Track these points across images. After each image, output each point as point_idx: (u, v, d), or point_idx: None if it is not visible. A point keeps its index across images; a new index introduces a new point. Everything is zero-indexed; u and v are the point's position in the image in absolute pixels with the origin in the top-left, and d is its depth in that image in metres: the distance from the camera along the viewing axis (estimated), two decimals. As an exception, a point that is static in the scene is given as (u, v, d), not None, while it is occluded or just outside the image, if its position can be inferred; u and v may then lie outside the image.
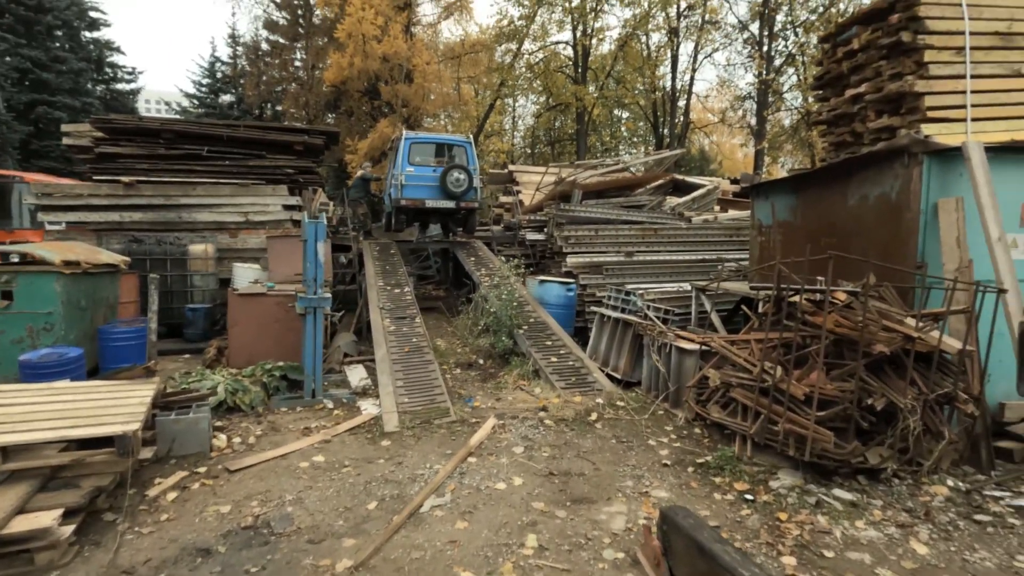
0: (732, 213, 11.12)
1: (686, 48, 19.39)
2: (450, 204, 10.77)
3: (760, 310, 5.32)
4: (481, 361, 7.42)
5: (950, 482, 3.97)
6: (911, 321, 4.22)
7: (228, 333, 6.48)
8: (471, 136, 11.27)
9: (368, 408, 5.55)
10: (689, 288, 7.53)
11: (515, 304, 7.69)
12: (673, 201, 11.28)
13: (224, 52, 32.01)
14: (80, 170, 9.96)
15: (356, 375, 6.79)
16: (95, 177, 8.46)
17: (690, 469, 4.27)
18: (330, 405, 5.63)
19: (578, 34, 19.19)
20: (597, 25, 18.80)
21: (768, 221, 6.65)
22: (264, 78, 28.05)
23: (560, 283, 8.45)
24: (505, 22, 18.91)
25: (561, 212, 9.76)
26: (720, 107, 22.94)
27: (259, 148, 9.38)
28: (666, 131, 20.25)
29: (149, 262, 7.38)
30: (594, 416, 5.33)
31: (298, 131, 9.80)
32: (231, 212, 8.99)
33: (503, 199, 15.18)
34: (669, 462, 4.39)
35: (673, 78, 19.44)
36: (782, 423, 3.92)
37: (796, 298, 4.49)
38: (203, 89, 31.51)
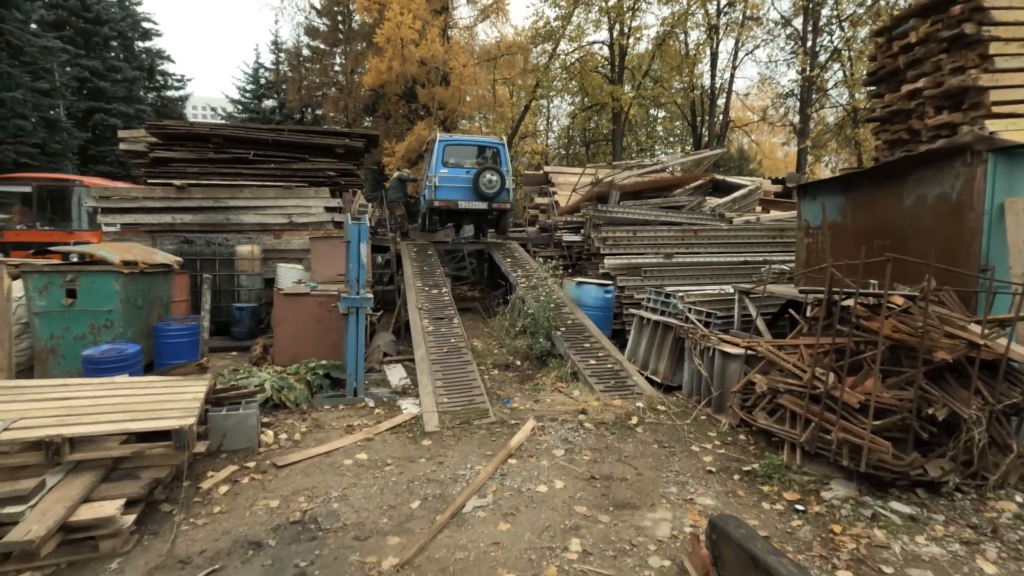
0: (775, 214, 10.81)
1: (726, 45, 18.98)
2: (482, 205, 10.85)
3: (808, 314, 5.14)
4: (518, 362, 7.42)
5: (1019, 498, 3.75)
6: (975, 327, 4.00)
7: (273, 332, 6.67)
8: (504, 138, 11.29)
9: (408, 407, 5.62)
10: (731, 291, 7.35)
11: (552, 306, 7.66)
12: (713, 202, 11.05)
13: (267, 58, 33.12)
14: (135, 174, 10.42)
15: (396, 374, 6.89)
16: (149, 181, 8.84)
17: (736, 477, 4.15)
18: (371, 404, 5.71)
19: (615, 33, 19.00)
20: (634, 24, 18.59)
21: (816, 222, 6.43)
22: (305, 83, 28.83)
23: (598, 285, 8.37)
24: (541, 23, 18.92)
25: (598, 213, 9.67)
26: (760, 105, 22.36)
27: (302, 151, 9.62)
28: (705, 130, 19.83)
29: (199, 262, 7.67)
30: (635, 420, 5.25)
31: (339, 134, 10.01)
32: (275, 214, 9.25)
33: (538, 200, 15.16)
34: (714, 469, 4.28)
35: (712, 76, 19.05)
36: (835, 432, 3.77)
37: (849, 302, 4.32)
38: (247, 95, 32.60)
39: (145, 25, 31.37)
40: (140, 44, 31.74)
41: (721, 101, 19.97)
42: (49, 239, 12.36)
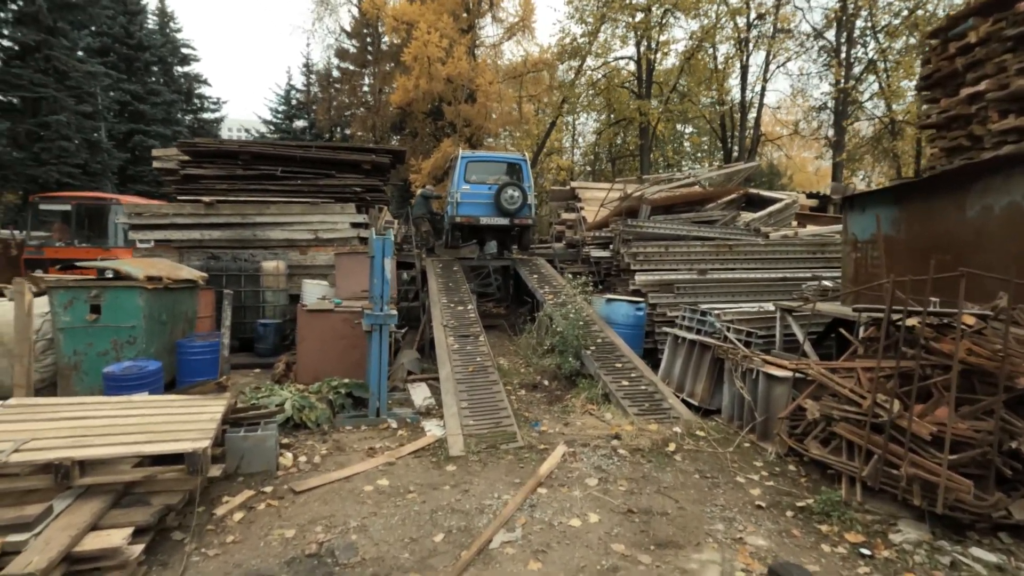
0: (812, 228, 10.35)
1: (756, 59, 18.59)
2: (504, 221, 10.72)
3: (863, 335, 4.75)
4: (546, 382, 7.13)
5: (1121, 546, 3.30)
6: (1060, 350, 3.59)
7: (296, 349, 6.54)
8: (527, 154, 11.16)
9: (432, 429, 5.38)
10: (772, 309, 6.96)
11: (581, 323, 7.37)
12: (747, 216, 10.65)
13: (299, 80, 33.95)
14: (166, 191, 10.56)
15: (420, 394, 6.67)
16: (179, 198, 8.92)
17: (789, 513, 3.78)
18: (394, 424, 5.49)
19: (642, 48, 18.84)
20: (662, 39, 18.41)
21: (865, 236, 6.04)
22: (335, 103, 29.45)
23: (628, 302, 8.06)
24: (567, 40, 18.89)
25: (628, 228, 9.39)
26: (792, 119, 21.84)
27: (329, 168, 9.62)
28: (735, 145, 19.40)
29: (225, 278, 7.64)
30: (672, 447, 4.90)
31: (366, 150, 10.00)
32: (301, 230, 9.22)
33: (565, 216, 14.93)
34: (763, 503, 3.91)
35: (743, 89, 18.67)
36: (904, 467, 3.39)
37: (911, 321, 3.95)
38: (279, 115, 33.45)
39: (184, 51, 32.60)
40: (179, 69, 32.96)
41: (752, 115, 19.55)
42: (86, 256, 12.63)
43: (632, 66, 19.71)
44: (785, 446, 4.63)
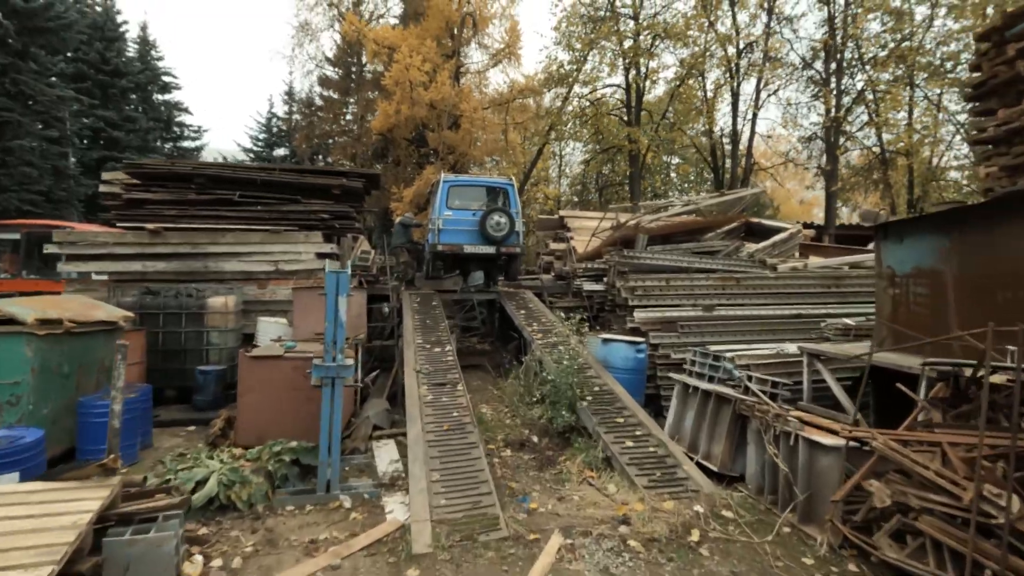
0: (817, 260, 9.58)
1: (746, 87, 18.28)
2: (490, 250, 9.86)
3: (929, 393, 3.84)
4: (536, 439, 6.11)
5: None
6: None
7: (237, 403, 5.46)
8: (513, 178, 10.37)
9: (395, 509, 4.32)
10: (794, 351, 6.07)
11: (575, 368, 6.40)
12: (751, 247, 9.87)
13: (281, 108, 33.33)
14: (106, 217, 9.53)
15: (386, 456, 5.61)
16: (118, 224, 7.90)
17: (869, 649, 2.78)
18: (347, 504, 4.42)
19: (631, 76, 18.44)
20: (652, 65, 18.03)
21: (905, 269, 5.20)
22: (317, 131, 28.78)
23: (628, 343, 7.12)
24: (554, 66, 18.44)
25: (624, 259, 8.52)
26: (782, 149, 21.54)
27: (294, 192, 8.70)
28: (726, 174, 18.90)
29: (162, 316, 6.58)
30: (696, 535, 3.89)
31: (336, 173, 9.11)
32: (260, 261, 8.23)
33: (553, 246, 14.12)
34: (830, 631, 2.91)
35: (734, 117, 18.26)
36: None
37: (997, 379, 3.05)
38: (259, 144, 32.67)
39: (165, 79, 31.90)
40: (159, 96, 32.22)
41: (743, 143, 19.12)
42: (34, 289, 11.45)
43: (620, 94, 19.30)
44: (839, 535, 3.65)
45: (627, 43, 17.62)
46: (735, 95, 18.06)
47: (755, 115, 18.16)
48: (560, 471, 5.18)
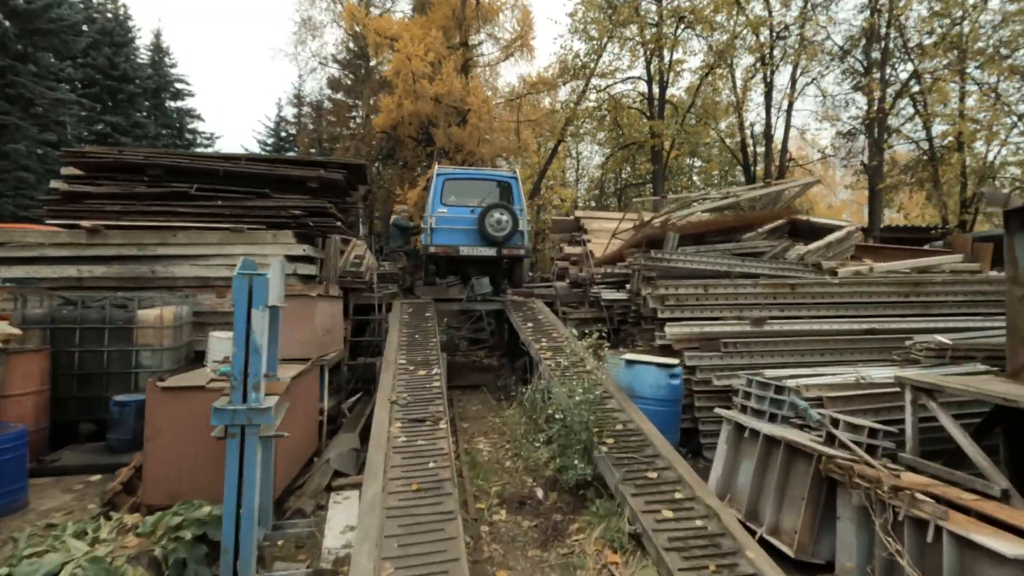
0: (881, 265, 8.01)
1: (779, 80, 16.71)
2: (490, 252, 8.55)
3: None
4: (540, 494, 4.70)
5: None
6: None
7: (145, 449, 4.15)
8: (517, 172, 9.03)
9: (324, 623, 2.94)
10: (881, 378, 4.58)
11: (593, 399, 4.97)
12: (800, 248, 8.35)
13: (290, 111, 32.65)
14: (39, 213, 8.40)
15: (341, 519, 4.25)
16: (48, 222, 6.74)
17: None
18: (259, 612, 3.05)
19: (652, 67, 16.99)
20: (677, 55, 16.58)
21: (1057, 270, 3.69)
22: (325, 135, 27.91)
23: (659, 366, 5.66)
24: (570, 57, 17.03)
25: (652, 262, 7.09)
26: (820, 144, 19.83)
27: (264, 185, 7.46)
28: (761, 173, 17.27)
29: (80, 332, 5.33)
30: None
31: (312, 164, 7.86)
32: (219, 264, 6.98)
33: (568, 250, 12.70)
34: None
35: (768, 110, 16.61)
36: None
37: None
38: (268, 148, 31.98)
39: (178, 86, 31.48)
40: (171, 103, 31.83)
41: (778, 139, 17.49)
42: None
43: (642, 87, 17.87)
44: None
45: (648, 31, 16.21)
46: (768, 85, 16.46)
47: (791, 106, 16.53)
48: (571, 551, 3.75)
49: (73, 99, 22.89)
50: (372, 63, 21.80)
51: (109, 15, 29.63)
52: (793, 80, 16.46)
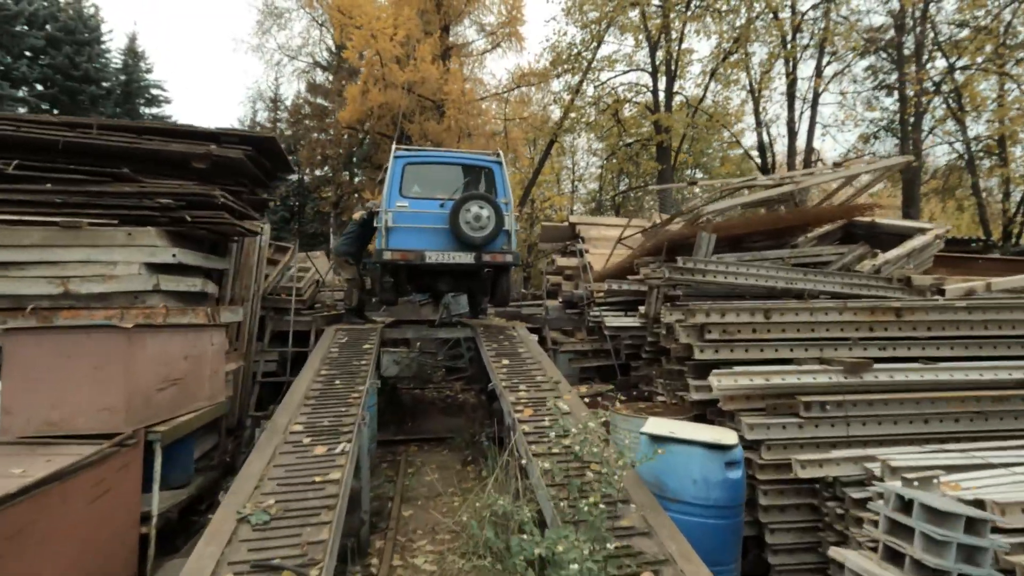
0: (997, 280, 5.77)
1: (803, 71, 14.67)
2: (466, 258, 6.32)
3: None
4: None
5: None
6: None
7: None
8: (501, 154, 6.85)
9: None
10: None
11: (601, 525, 2.69)
12: (874, 259, 6.13)
13: (263, 116, 30.63)
14: None
15: None
16: None
17: None
18: None
19: (658, 57, 14.99)
20: (685, 45, 14.60)
21: None
22: (302, 141, 25.94)
23: (706, 445, 3.37)
24: (564, 43, 15.00)
25: (679, 273, 4.85)
26: (841, 148, 17.80)
27: (123, 164, 5.22)
28: (783, 170, 15.20)
29: None
30: None
31: (198, 135, 5.62)
32: (37, 276, 4.70)
33: (561, 262, 10.50)
34: None
35: (791, 106, 14.55)
36: None
37: None
38: (242, 155, 29.92)
39: (153, 91, 29.49)
40: (146, 110, 29.77)
41: (803, 127, 15.38)
42: None
43: (646, 79, 15.82)
44: None
45: (653, 14, 14.21)
46: (792, 72, 14.39)
47: (816, 98, 14.46)
48: None
49: (16, 96, 20.77)
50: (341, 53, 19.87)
51: (71, 12, 27.78)
52: (819, 69, 14.40)
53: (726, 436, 3.41)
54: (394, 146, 6.90)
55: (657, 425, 3.60)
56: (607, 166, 17.17)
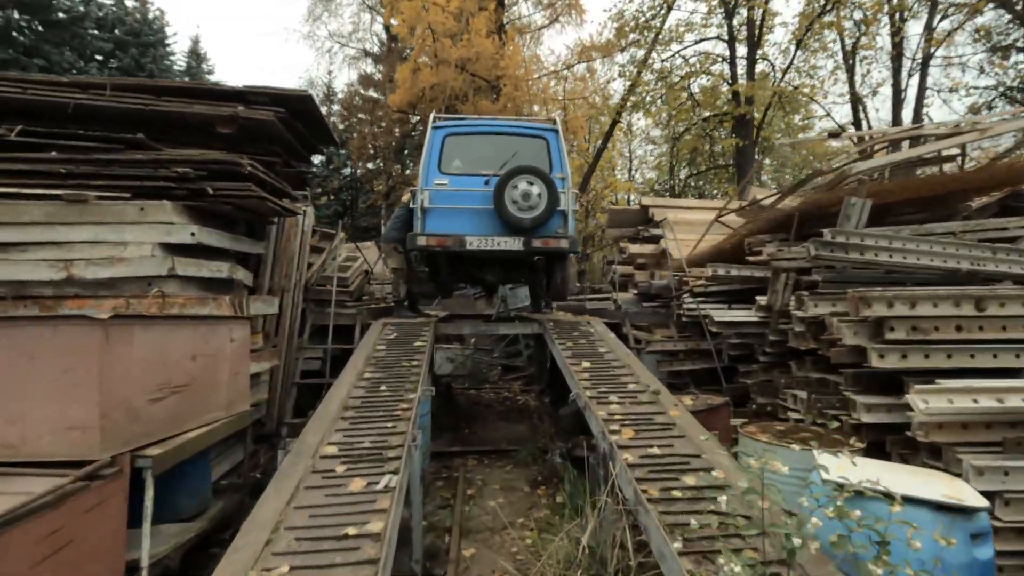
0: None
1: (914, 27, 12.65)
2: (513, 245, 5.25)
3: None
4: None
5: None
6: None
7: None
8: (558, 121, 5.71)
9: None
10: None
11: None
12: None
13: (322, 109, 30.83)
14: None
15: None
16: None
17: None
18: None
19: (736, 22, 13.41)
20: (766, 7, 12.94)
21: None
22: (354, 133, 25.80)
23: (938, 507, 2.17)
24: (630, 11, 13.62)
25: (827, 250, 3.61)
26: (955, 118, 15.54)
27: (138, 129, 4.48)
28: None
29: None
30: None
31: (223, 94, 4.84)
32: (38, 260, 4.00)
33: (633, 249, 9.28)
34: None
35: (896, 73, 12.58)
36: None
37: None
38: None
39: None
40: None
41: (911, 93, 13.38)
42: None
43: (721, 48, 14.24)
44: None
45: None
46: (898, 31, 12.44)
47: (926, 61, 12.45)
48: None
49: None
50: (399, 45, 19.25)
51: (138, 15, 28.69)
52: (929, 28, 12.39)
53: (963, 491, 2.20)
54: (432, 114, 5.90)
55: (841, 467, 2.41)
56: (681, 144, 15.63)
